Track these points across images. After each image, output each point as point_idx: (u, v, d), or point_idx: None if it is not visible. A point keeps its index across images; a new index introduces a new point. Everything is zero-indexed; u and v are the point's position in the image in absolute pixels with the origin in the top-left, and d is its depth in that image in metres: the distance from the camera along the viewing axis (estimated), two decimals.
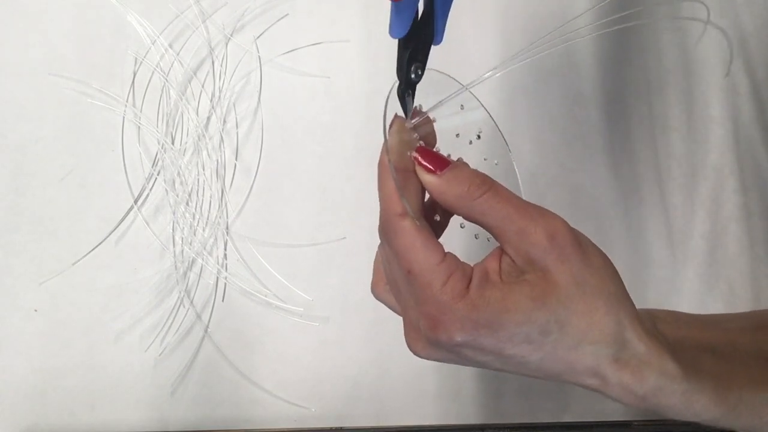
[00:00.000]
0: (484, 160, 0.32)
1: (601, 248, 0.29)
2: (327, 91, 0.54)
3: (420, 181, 0.29)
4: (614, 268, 0.28)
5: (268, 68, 0.54)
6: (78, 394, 0.47)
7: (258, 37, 0.54)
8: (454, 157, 0.30)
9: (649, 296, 0.51)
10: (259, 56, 0.54)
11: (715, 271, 0.51)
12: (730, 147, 0.54)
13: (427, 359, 0.29)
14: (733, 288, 0.51)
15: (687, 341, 0.30)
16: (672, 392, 0.27)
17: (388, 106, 0.29)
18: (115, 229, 0.50)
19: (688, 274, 0.51)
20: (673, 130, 0.54)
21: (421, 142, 0.30)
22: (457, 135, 0.32)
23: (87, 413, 0.47)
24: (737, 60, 0.55)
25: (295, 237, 0.51)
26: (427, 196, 0.30)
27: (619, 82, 0.55)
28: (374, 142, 0.36)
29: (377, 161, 0.29)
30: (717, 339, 0.31)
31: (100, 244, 0.50)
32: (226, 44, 0.54)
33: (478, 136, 0.33)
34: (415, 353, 0.29)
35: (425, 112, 0.31)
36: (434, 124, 0.31)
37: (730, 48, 0.55)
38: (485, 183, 0.27)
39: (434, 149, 0.31)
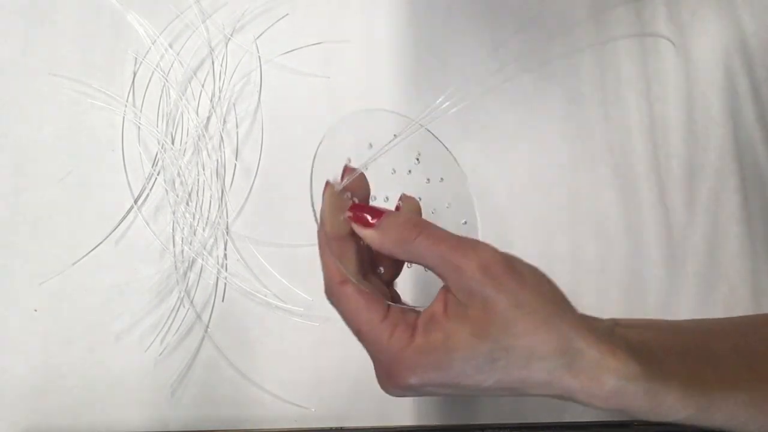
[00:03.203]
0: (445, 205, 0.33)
1: (537, 267, 0.30)
2: (327, 91, 0.54)
3: (355, 244, 0.30)
4: (551, 284, 0.30)
5: (268, 68, 0.54)
6: (78, 394, 0.47)
7: (258, 37, 0.54)
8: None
9: (649, 296, 0.51)
10: (259, 56, 0.54)
11: (715, 271, 0.51)
12: (730, 147, 0.54)
13: (401, 396, 0.30)
14: (733, 288, 0.51)
15: (654, 344, 0.30)
16: (634, 393, 0.28)
17: (314, 176, 0.30)
18: (115, 229, 0.50)
19: (688, 274, 0.51)
20: (673, 130, 0.54)
21: (355, 199, 0.31)
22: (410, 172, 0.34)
23: (87, 413, 0.47)
24: (737, 60, 0.55)
25: (295, 237, 0.51)
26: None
27: (619, 82, 0.55)
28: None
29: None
30: (689, 342, 0.32)
31: (100, 244, 0.50)
32: (226, 44, 0.54)
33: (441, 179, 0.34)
34: (387, 393, 0.30)
35: (355, 169, 0.31)
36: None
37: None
38: (417, 226, 0.29)
39: (371, 197, 0.32)
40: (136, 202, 0.51)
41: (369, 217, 0.30)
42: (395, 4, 0.56)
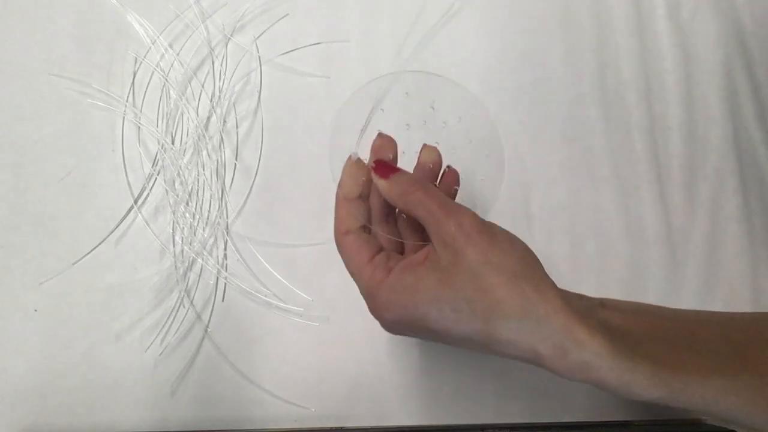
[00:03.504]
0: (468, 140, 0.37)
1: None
2: (327, 91, 0.54)
3: (364, 203, 0.36)
4: (526, 251, 0.32)
5: (268, 68, 0.54)
6: (78, 394, 0.47)
7: (258, 37, 0.54)
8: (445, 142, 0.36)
9: (649, 296, 0.51)
10: (259, 56, 0.54)
11: (715, 271, 0.51)
12: (730, 147, 0.54)
13: (393, 334, 0.34)
14: (733, 288, 0.51)
15: (634, 326, 0.32)
16: (598, 368, 0.28)
17: (332, 143, 0.36)
18: (115, 229, 0.50)
19: (688, 274, 0.51)
20: (673, 130, 0.54)
21: (373, 165, 0.36)
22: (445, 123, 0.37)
23: (87, 413, 0.47)
24: (737, 60, 0.55)
25: (295, 237, 0.51)
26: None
27: (619, 82, 0.55)
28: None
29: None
30: (675, 329, 0.32)
31: (100, 244, 0.50)
32: (226, 44, 0.54)
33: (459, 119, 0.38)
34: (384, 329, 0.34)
35: (381, 135, 0.36)
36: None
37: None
38: (417, 183, 0.33)
39: (396, 154, 0.37)
40: (136, 202, 0.51)
41: (384, 173, 0.35)
42: (395, 3, 0.56)
